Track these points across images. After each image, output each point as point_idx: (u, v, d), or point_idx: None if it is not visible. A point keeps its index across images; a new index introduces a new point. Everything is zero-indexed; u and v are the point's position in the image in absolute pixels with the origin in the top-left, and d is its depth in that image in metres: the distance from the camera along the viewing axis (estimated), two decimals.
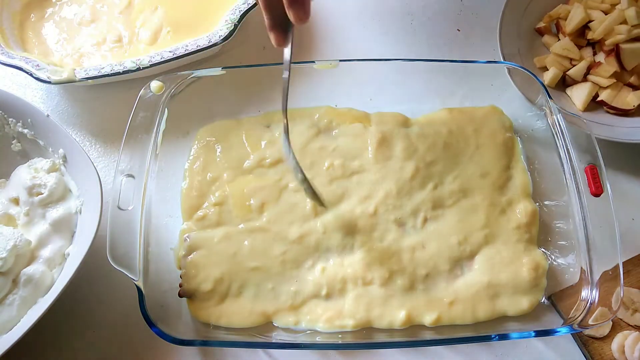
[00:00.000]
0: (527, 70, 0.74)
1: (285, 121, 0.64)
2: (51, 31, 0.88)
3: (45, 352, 0.70)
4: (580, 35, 0.82)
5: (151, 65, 0.78)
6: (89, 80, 0.79)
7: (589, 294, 0.63)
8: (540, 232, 0.70)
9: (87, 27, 0.88)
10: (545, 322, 0.64)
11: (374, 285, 0.67)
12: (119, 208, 0.67)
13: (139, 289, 0.64)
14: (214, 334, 0.67)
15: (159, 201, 0.73)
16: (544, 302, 0.67)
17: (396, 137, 0.76)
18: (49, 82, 0.77)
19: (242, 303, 0.68)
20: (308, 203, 0.71)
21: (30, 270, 0.66)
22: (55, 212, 0.70)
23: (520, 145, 0.77)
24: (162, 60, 0.78)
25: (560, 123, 0.70)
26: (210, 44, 0.79)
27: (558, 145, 0.70)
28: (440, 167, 0.74)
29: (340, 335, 0.66)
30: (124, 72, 0.78)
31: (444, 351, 0.67)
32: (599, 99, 0.79)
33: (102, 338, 0.70)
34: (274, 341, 0.66)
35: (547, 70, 0.82)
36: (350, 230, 0.70)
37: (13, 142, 0.76)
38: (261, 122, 0.79)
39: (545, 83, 0.81)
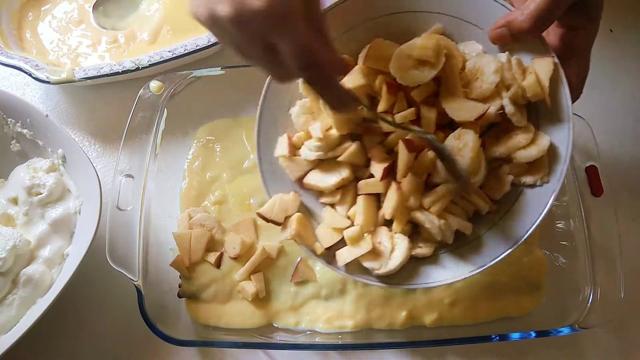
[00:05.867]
0: None
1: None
2: (46, 30, 0.88)
3: (45, 352, 0.69)
4: None
5: (150, 65, 0.78)
6: (88, 80, 0.79)
7: (589, 294, 0.63)
8: (541, 233, 0.70)
9: (76, 27, 0.88)
10: (546, 322, 0.63)
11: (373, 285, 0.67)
12: (118, 208, 0.67)
13: (138, 289, 0.64)
14: (213, 335, 0.67)
15: (159, 201, 0.73)
16: (544, 302, 0.66)
17: None
18: (48, 82, 0.77)
19: (242, 304, 0.68)
20: None
21: (29, 270, 0.66)
22: (54, 212, 0.70)
23: None
24: (162, 60, 0.78)
25: None
26: (210, 43, 0.78)
27: None
28: None
29: (340, 336, 0.66)
30: (123, 72, 0.78)
31: (444, 351, 0.67)
32: None
33: (101, 338, 0.70)
34: (273, 342, 0.66)
35: None
36: None
37: (12, 142, 0.76)
38: None
39: None
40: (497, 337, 0.61)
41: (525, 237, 0.52)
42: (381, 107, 0.54)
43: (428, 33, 0.56)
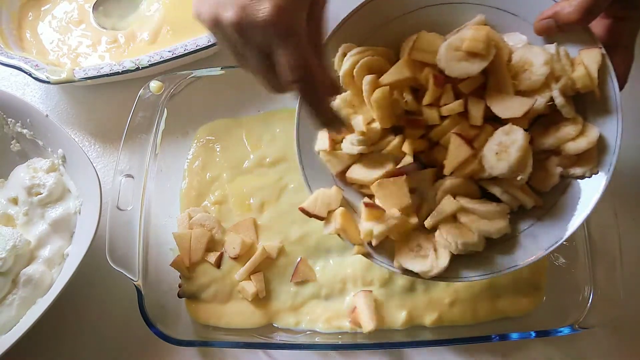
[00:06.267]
0: None
1: None
2: (46, 30, 0.88)
3: (45, 352, 0.70)
4: None
5: (150, 65, 0.78)
6: (88, 80, 0.79)
7: (589, 294, 0.63)
8: None
9: (76, 27, 0.88)
10: (546, 322, 0.63)
11: (374, 286, 0.67)
12: (118, 208, 0.67)
13: (138, 289, 0.64)
14: (213, 335, 0.67)
15: (159, 201, 0.73)
16: (544, 302, 0.66)
17: None
18: (48, 82, 0.77)
19: (242, 304, 0.68)
20: None
21: (29, 270, 0.66)
22: (54, 212, 0.70)
23: None
24: (162, 60, 0.78)
25: None
26: (210, 43, 0.78)
27: None
28: None
29: (340, 336, 0.66)
30: (123, 72, 0.78)
31: (444, 351, 0.67)
32: None
33: (101, 338, 0.70)
34: (273, 342, 0.66)
35: None
36: None
37: (12, 142, 0.76)
38: (261, 121, 0.79)
39: None
40: (497, 337, 0.61)
41: (578, 225, 0.52)
42: (426, 99, 0.54)
43: (472, 24, 0.55)
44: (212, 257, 0.69)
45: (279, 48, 0.43)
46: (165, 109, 0.74)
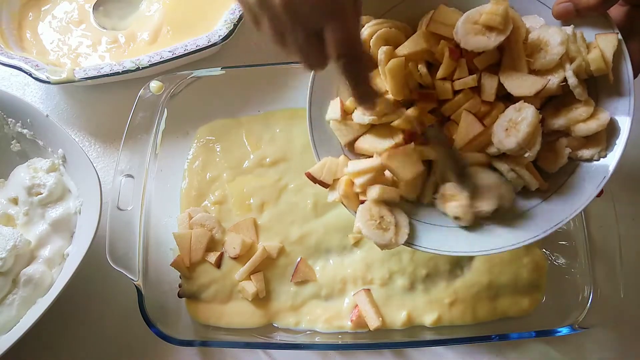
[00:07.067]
0: None
1: None
2: (46, 30, 0.88)
3: (45, 352, 0.70)
4: None
5: (150, 65, 0.78)
6: (88, 80, 0.79)
7: (589, 294, 0.63)
8: None
9: (76, 27, 0.88)
10: (546, 322, 0.63)
11: (374, 286, 0.67)
12: (119, 208, 0.67)
13: (138, 289, 0.64)
14: (213, 335, 0.67)
15: (159, 201, 0.73)
16: (544, 302, 0.66)
17: None
18: (49, 82, 0.77)
19: (242, 304, 0.68)
20: (308, 203, 0.71)
21: (30, 270, 0.66)
22: (54, 212, 0.70)
23: None
24: (162, 60, 0.78)
25: None
26: (210, 43, 0.78)
27: None
28: None
29: (340, 336, 0.66)
30: (123, 72, 0.78)
31: (444, 351, 0.67)
32: None
33: (101, 338, 0.70)
34: (273, 342, 0.66)
35: None
36: (350, 230, 0.70)
37: (12, 142, 0.76)
38: (261, 121, 0.79)
39: None
40: (497, 337, 0.61)
41: (584, 206, 0.52)
42: (440, 73, 0.54)
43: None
44: (212, 257, 0.69)
45: (329, 25, 0.45)
46: (165, 109, 0.74)
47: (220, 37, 0.79)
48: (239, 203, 0.73)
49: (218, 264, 0.69)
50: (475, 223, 0.54)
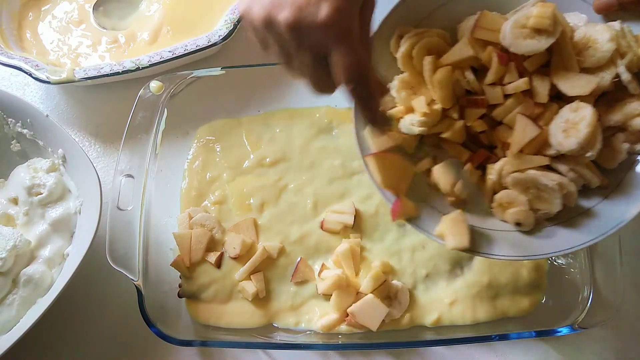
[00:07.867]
0: None
1: None
2: (46, 30, 0.89)
3: (45, 352, 0.70)
4: None
5: (150, 65, 0.78)
6: (88, 80, 0.79)
7: (589, 293, 0.63)
8: None
9: (76, 27, 0.88)
10: (546, 322, 0.63)
11: None
12: (119, 208, 0.67)
13: (138, 289, 0.64)
14: (213, 335, 0.67)
15: (159, 201, 0.73)
16: (544, 302, 0.66)
17: None
18: (49, 82, 0.77)
19: (243, 304, 0.68)
20: (308, 203, 0.71)
21: (30, 270, 0.66)
22: (54, 212, 0.70)
23: None
24: (162, 60, 0.78)
25: None
26: (210, 43, 0.79)
27: None
28: None
29: (340, 336, 0.66)
30: (123, 72, 0.78)
31: (444, 352, 0.67)
32: None
33: (101, 338, 0.70)
34: (273, 342, 0.66)
35: None
36: (350, 230, 0.70)
37: (12, 142, 0.76)
38: (261, 121, 0.79)
39: None
40: (497, 337, 0.61)
41: None
42: (490, 78, 0.54)
43: (534, 2, 0.55)
44: (213, 257, 0.69)
45: (336, 49, 0.44)
46: (165, 109, 0.74)
47: (220, 37, 0.79)
48: (239, 203, 0.73)
49: (218, 264, 0.69)
50: (536, 227, 0.54)
